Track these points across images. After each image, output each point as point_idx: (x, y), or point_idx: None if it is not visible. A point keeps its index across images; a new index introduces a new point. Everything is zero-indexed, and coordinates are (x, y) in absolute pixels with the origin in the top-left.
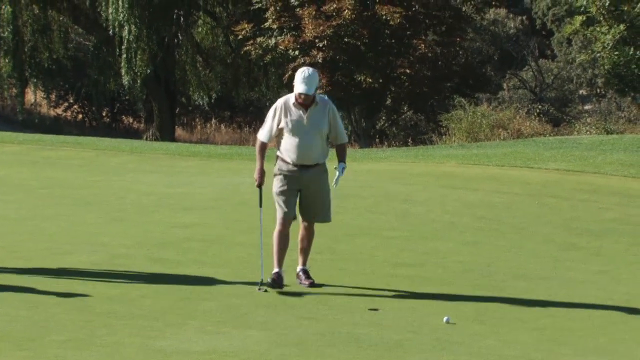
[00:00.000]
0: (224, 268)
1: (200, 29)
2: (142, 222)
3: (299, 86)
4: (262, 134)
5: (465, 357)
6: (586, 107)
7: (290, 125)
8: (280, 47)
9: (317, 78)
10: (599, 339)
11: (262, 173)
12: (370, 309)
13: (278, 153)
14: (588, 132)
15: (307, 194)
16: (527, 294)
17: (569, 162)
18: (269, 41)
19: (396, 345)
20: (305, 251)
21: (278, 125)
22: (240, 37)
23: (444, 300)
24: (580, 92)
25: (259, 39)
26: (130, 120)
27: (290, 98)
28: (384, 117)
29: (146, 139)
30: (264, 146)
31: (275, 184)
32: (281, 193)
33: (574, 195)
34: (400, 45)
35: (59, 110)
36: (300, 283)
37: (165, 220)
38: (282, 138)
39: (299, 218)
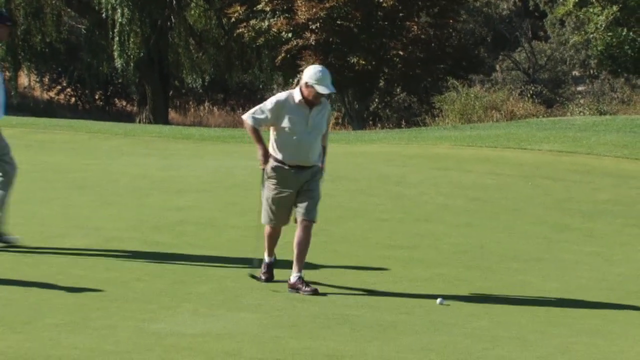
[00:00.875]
0: (218, 251)
1: (193, 12)
2: (136, 205)
3: (320, 87)
4: (254, 120)
5: (459, 338)
6: (579, 88)
7: (291, 124)
8: (273, 29)
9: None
10: (592, 320)
11: (267, 154)
12: (364, 292)
13: (272, 152)
14: (581, 113)
15: (302, 192)
16: (521, 275)
17: (562, 143)
18: (262, 23)
19: (390, 327)
20: (301, 257)
21: (275, 123)
22: (233, 19)
23: (438, 281)
24: (574, 73)
25: (252, 22)
26: (124, 103)
27: (295, 95)
28: (377, 99)
29: (139, 122)
30: (257, 130)
31: (269, 189)
32: (274, 202)
33: (567, 176)
34: (393, 27)
35: (52, 94)
36: (301, 291)
37: (159, 203)
38: (277, 135)
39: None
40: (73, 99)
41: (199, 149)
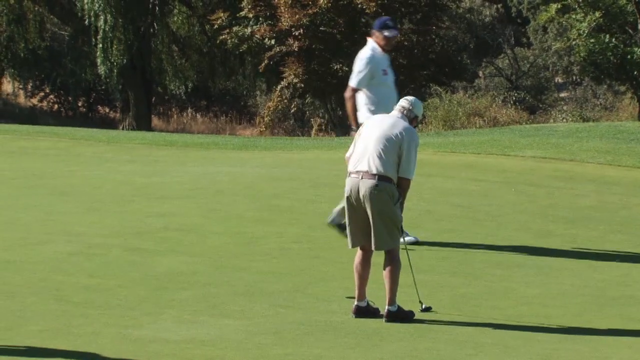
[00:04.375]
0: (201, 257)
1: (175, 18)
2: (119, 212)
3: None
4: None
5: (442, 344)
6: (562, 95)
7: None
8: (257, 36)
9: None
10: (575, 326)
11: None
12: (348, 297)
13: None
14: (564, 120)
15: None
16: (504, 282)
17: (545, 150)
18: (245, 30)
19: (374, 333)
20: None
21: None
22: (216, 26)
23: (421, 288)
24: (556, 79)
25: (235, 28)
26: (107, 110)
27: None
28: None
29: (122, 128)
30: None
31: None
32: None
33: (550, 183)
34: None
35: (35, 101)
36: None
37: (141, 209)
38: None
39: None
40: (56, 106)
41: (182, 156)
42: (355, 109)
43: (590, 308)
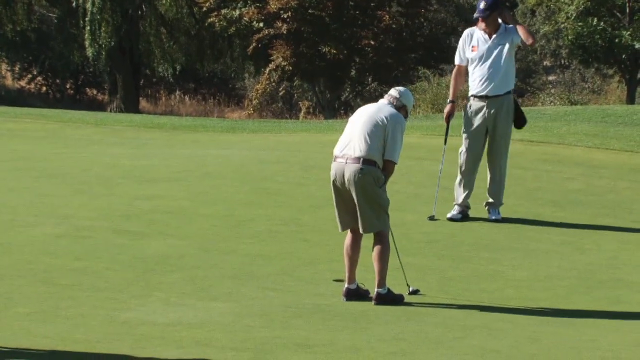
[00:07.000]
0: (189, 240)
1: (164, 1)
2: (107, 194)
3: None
4: None
5: (429, 327)
6: (550, 78)
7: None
8: (245, 18)
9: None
10: (562, 309)
11: None
12: (335, 280)
13: None
14: (552, 103)
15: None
16: (491, 265)
17: (533, 133)
18: (234, 13)
19: (361, 316)
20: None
21: None
22: (204, 8)
23: (409, 271)
24: (545, 63)
25: (223, 11)
26: (94, 92)
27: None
28: (348, 89)
29: (110, 111)
30: None
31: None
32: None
33: (538, 166)
34: (365, 16)
35: (23, 83)
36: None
37: (129, 192)
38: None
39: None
40: (44, 88)
41: (170, 138)
42: (454, 83)
43: (578, 291)
